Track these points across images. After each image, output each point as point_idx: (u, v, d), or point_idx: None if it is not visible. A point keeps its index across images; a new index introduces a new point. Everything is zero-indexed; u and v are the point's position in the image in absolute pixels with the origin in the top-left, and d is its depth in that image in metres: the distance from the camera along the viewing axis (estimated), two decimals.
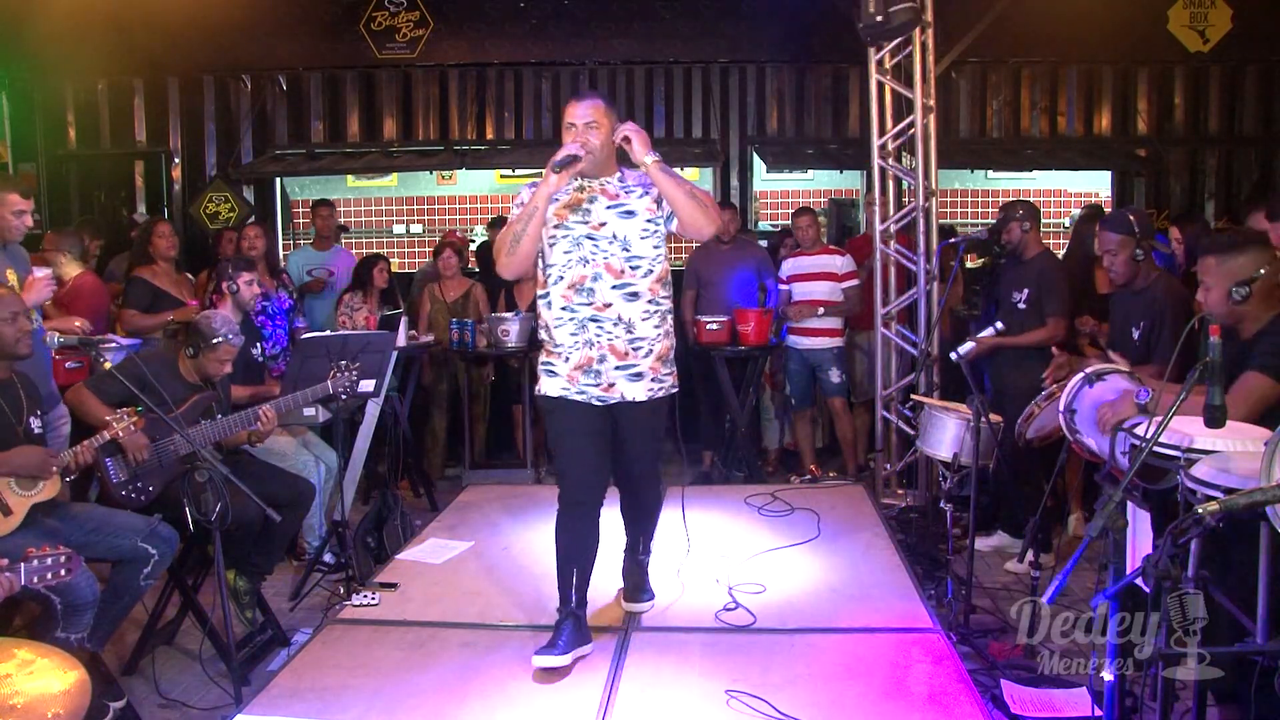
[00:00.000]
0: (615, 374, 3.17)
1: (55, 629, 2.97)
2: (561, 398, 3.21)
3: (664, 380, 3.26)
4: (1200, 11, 7.67)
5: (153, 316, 5.13)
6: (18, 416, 3.20)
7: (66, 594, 2.94)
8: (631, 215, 3.18)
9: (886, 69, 5.81)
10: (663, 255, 3.24)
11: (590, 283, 3.14)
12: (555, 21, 7.81)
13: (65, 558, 2.39)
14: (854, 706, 2.84)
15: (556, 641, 3.12)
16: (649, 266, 3.19)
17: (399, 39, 7.81)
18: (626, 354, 3.17)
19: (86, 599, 3.00)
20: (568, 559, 3.24)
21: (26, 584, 2.34)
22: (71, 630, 2.99)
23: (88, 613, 3.03)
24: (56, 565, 2.38)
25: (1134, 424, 2.76)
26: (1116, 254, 3.93)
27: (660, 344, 3.23)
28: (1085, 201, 8.09)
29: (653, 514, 3.62)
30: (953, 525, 4.30)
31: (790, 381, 6.14)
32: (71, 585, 2.93)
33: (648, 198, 3.20)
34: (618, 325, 3.15)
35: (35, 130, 7.82)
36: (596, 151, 3.12)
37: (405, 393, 5.83)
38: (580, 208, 3.19)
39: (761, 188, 8.85)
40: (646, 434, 3.32)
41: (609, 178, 3.23)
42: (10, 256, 3.96)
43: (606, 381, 3.18)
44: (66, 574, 2.39)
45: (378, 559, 4.46)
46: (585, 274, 3.14)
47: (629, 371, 3.18)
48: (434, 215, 9.88)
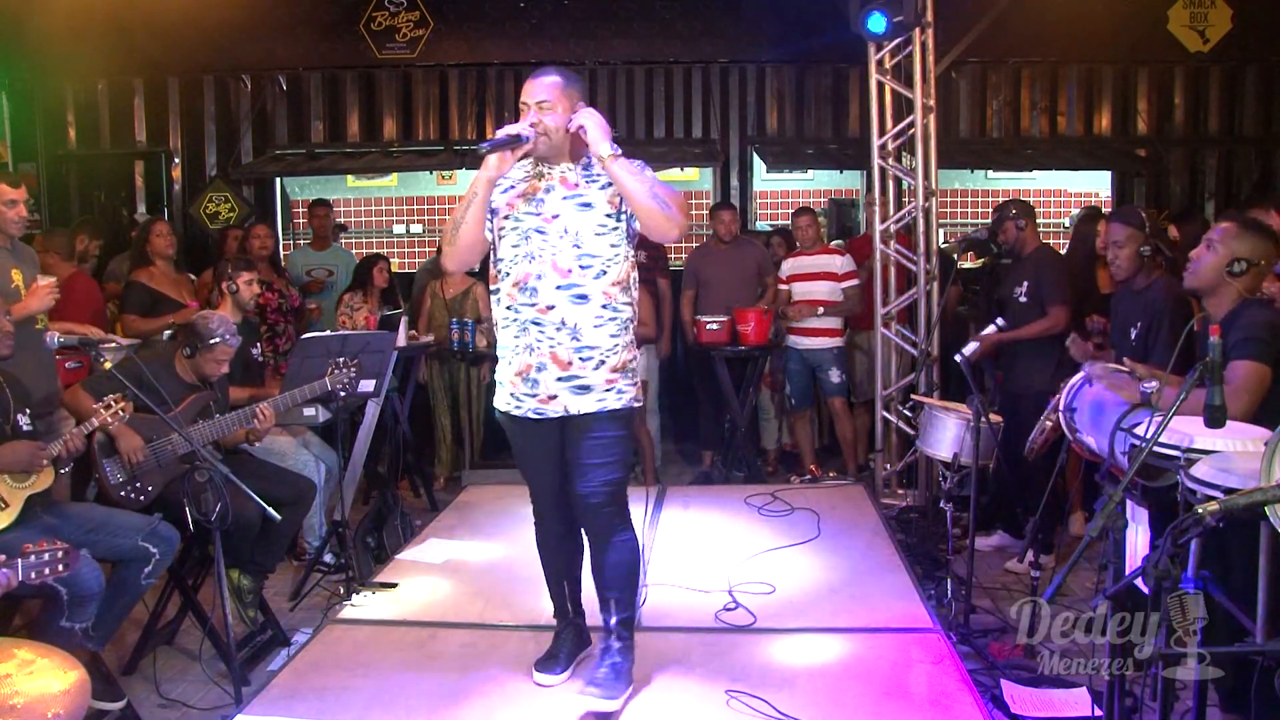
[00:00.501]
0: (557, 385, 2.83)
1: (61, 618, 2.97)
2: (507, 414, 2.95)
3: (623, 392, 2.88)
4: (1200, 11, 7.67)
5: (153, 320, 5.13)
6: (5, 415, 3.20)
7: (72, 585, 2.95)
8: (588, 208, 2.84)
9: (886, 69, 5.81)
10: (624, 255, 2.88)
11: (534, 281, 2.82)
12: (555, 21, 7.81)
13: (63, 553, 2.38)
14: (854, 706, 2.84)
15: (558, 655, 3.08)
16: (603, 267, 2.83)
17: (399, 39, 7.81)
18: (570, 363, 2.82)
19: (93, 589, 3.01)
20: (553, 573, 3.15)
21: (24, 579, 2.33)
22: (76, 620, 2.99)
23: (93, 603, 3.03)
24: (54, 561, 2.37)
25: (1134, 424, 2.76)
26: (1122, 246, 3.92)
27: (616, 356, 2.86)
28: (1085, 202, 8.10)
29: (620, 566, 2.96)
30: (953, 525, 4.29)
31: (790, 382, 6.14)
32: (77, 576, 2.94)
33: (610, 189, 2.84)
34: (560, 330, 2.82)
35: (35, 130, 7.82)
36: (552, 134, 2.79)
37: (405, 393, 5.83)
38: (534, 197, 2.86)
39: (761, 188, 8.84)
40: (597, 454, 2.85)
41: (571, 165, 2.88)
42: (17, 256, 3.94)
43: (546, 393, 2.84)
44: (64, 569, 2.39)
45: (378, 559, 4.46)
46: (530, 271, 2.82)
47: (573, 384, 2.83)
48: (434, 215, 9.88)
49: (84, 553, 3.02)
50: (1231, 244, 3.07)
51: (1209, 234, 3.17)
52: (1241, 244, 3.06)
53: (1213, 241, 3.11)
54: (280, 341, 5.30)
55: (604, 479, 2.87)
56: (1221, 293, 3.08)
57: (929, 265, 5.75)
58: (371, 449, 5.22)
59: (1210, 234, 3.16)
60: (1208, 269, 3.09)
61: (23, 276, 3.87)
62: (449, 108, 7.99)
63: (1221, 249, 3.07)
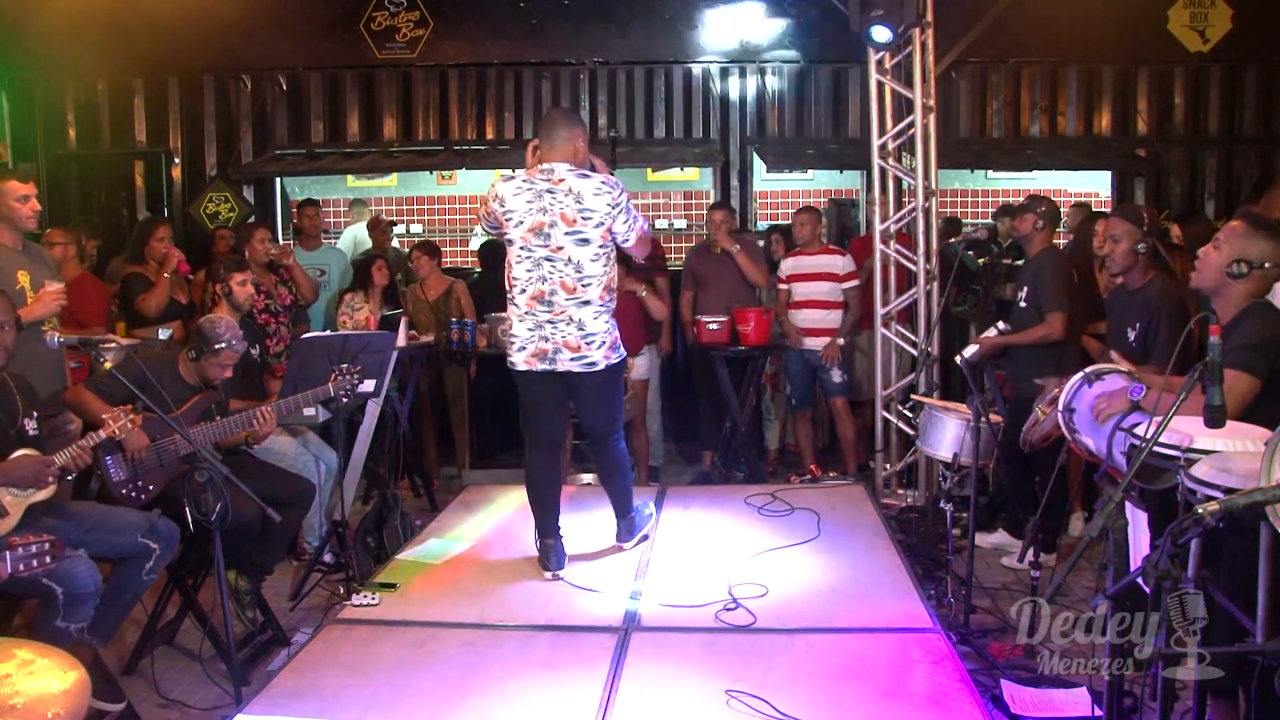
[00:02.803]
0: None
1: (56, 619, 2.95)
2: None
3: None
4: (1200, 11, 7.67)
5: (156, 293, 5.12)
6: (12, 419, 3.19)
7: (68, 583, 2.93)
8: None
9: (886, 69, 5.81)
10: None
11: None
12: (555, 21, 7.81)
13: (49, 544, 2.34)
14: (854, 706, 2.84)
15: (549, 561, 3.91)
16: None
17: (399, 39, 7.81)
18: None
19: (88, 589, 2.99)
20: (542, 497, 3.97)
21: (13, 572, 2.30)
22: (72, 620, 2.97)
23: (89, 603, 3.01)
24: (41, 553, 2.32)
25: (1134, 424, 2.76)
26: (1119, 241, 3.90)
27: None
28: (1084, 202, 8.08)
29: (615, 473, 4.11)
30: (953, 525, 4.30)
31: (791, 382, 6.13)
32: (73, 575, 2.94)
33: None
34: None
35: (35, 130, 7.83)
36: None
37: (405, 393, 5.82)
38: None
39: (761, 188, 8.85)
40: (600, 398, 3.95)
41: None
42: (30, 257, 3.93)
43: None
44: (51, 561, 2.34)
45: (378, 559, 4.46)
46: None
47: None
48: (434, 215, 9.89)
49: (80, 552, 3.02)
50: (1236, 244, 2.94)
51: (1219, 232, 3.05)
52: (1247, 245, 2.93)
53: (1220, 240, 2.99)
54: (271, 342, 5.26)
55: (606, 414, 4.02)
56: (1226, 294, 2.97)
57: (929, 265, 5.75)
58: (371, 449, 5.22)
59: (1221, 232, 3.03)
60: (1210, 268, 2.98)
61: (30, 279, 3.85)
62: (449, 108, 7.99)
63: (1226, 249, 2.95)
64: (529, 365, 3.84)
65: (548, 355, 3.81)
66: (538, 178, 3.74)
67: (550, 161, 3.75)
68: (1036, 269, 4.72)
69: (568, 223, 3.70)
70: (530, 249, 3.75)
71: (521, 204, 3.73)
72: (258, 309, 5.20)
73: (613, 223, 3.75)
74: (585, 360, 3.81)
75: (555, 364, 3.81)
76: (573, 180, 3.72)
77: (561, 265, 3.74)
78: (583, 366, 3.82)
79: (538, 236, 3.73)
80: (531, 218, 3.72)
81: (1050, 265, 4.71)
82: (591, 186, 3.71)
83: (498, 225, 3.83)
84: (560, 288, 3.75)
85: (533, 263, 3.76)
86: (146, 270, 5.31)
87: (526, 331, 3.81)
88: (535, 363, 3.82)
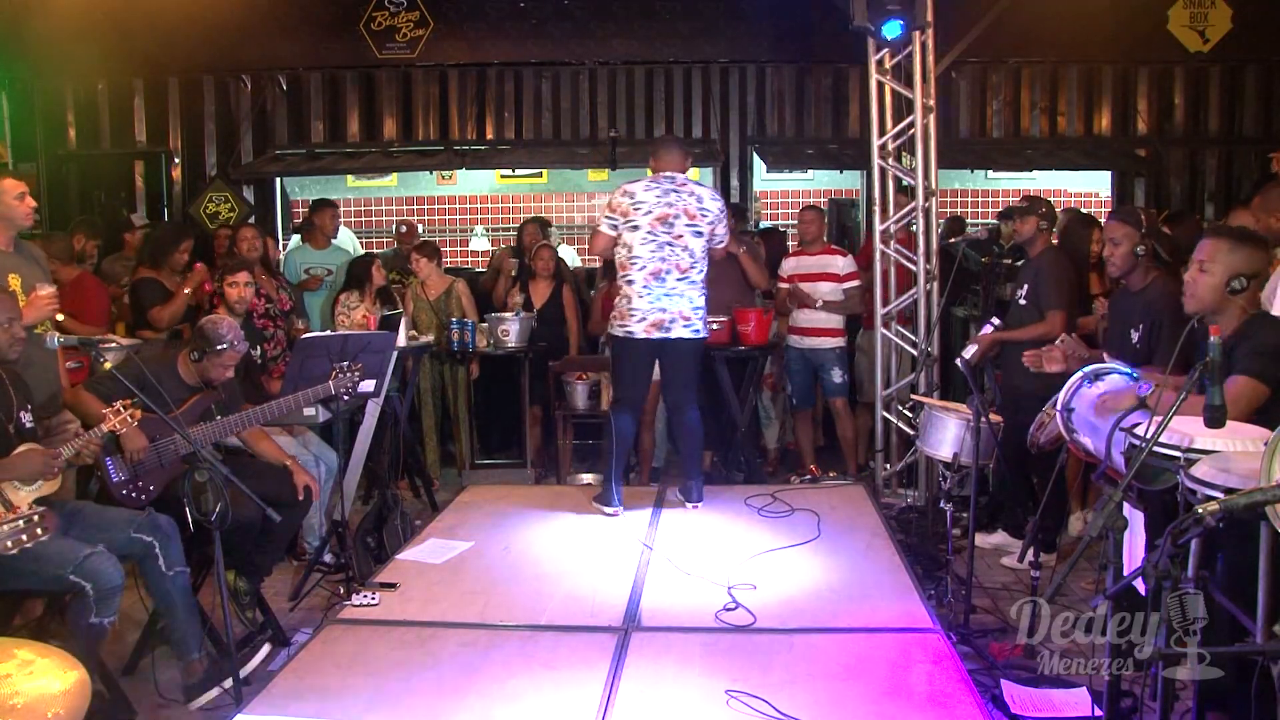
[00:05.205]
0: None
1: (90, 615, 3.02)
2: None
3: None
4: (1200, 11, 7.68)
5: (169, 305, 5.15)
6: (8, 414, 3.20)
7: (97, 580, 3.01)
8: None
9: (886, 69, 5.81)
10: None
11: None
12: (555, 21, 7.81)
13: (39, 516, 2.29)
14: (854, 706, 2.83)
15: (615, 499, 4.55)
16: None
17: (399, 39, 7.81)
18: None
19: (115, 582, 3.07)
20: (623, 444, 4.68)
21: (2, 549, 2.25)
22: (105, 615, 3.06)
23: (117, 596, 3.10)
24: (31, 525, 2.27)
25: (1134, 424, 2.76)
26: (1119, 244, 3.91)
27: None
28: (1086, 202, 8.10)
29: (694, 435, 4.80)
30: (953, 525, 4.29)
31: (791, 381, 6.13)
32: (100, 571, 3.02)
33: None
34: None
35: (35, 130, 7.82)
36: None
37: (405, 393, 5.82)
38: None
39: (761, 188, 8.85)
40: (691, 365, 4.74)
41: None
42: (20, 256, 3.91)
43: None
44: (42, 533, 2.29)
45: (378, 559, 4.46)
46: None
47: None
48: (434, 215, 9.89)
49: (100, 548, 3.09)
50: (1227, 261, 2.97)
51: (1196, 254, 3.06)
52: (1235, 259, 2.97)
53: (1203, 262, 3.01)
54: (267, 346, 5.24)
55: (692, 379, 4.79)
56: (1227, 311, 2.99)
57: (929, 265, 5.75)
58: (371, 449, 5.22)
59: (1198, 255, 3.05)
60: (1207, 291, 3.00)
61: (21, 281, 3.80)
62: (449, 108, 7.99)
63: (1218, 269, 2.98)
64: (647, 334, 4.55)
65: (664, 324, 4.54)
66: (662, 180, 4.59)
67: (668, 171, 4.62)
68: (1038, 268, 4.72)
69: (690, 216, 4.56)
70: (655, 234, 4.53)
71: (651, 198, 4.55)
72: (257, 313, 5.20)
73: (719, 224, 4.65)
74: (693, 328, 4.61)
75: (670, 331, 4.55)
76: (693, 186, 4.66)
77: (679, 250, 4.55)
78: (691, 333, 4.61)
79: (663, 224, 4.53)
80: (659, 209, 4.53)
81: (1052, 264, 4.71)
82: (709, 193, 4.69)
83: (625, 216, 4.55)
84: (675, 268, 4.55)
85: (656, 245, 4.53)
86: (161, 275, 5.30)
87: (647, 305, 4.53)
88: (653, 331, 4.54)
